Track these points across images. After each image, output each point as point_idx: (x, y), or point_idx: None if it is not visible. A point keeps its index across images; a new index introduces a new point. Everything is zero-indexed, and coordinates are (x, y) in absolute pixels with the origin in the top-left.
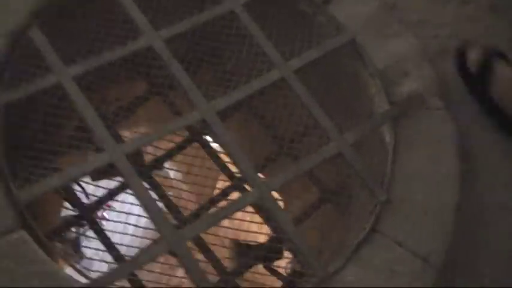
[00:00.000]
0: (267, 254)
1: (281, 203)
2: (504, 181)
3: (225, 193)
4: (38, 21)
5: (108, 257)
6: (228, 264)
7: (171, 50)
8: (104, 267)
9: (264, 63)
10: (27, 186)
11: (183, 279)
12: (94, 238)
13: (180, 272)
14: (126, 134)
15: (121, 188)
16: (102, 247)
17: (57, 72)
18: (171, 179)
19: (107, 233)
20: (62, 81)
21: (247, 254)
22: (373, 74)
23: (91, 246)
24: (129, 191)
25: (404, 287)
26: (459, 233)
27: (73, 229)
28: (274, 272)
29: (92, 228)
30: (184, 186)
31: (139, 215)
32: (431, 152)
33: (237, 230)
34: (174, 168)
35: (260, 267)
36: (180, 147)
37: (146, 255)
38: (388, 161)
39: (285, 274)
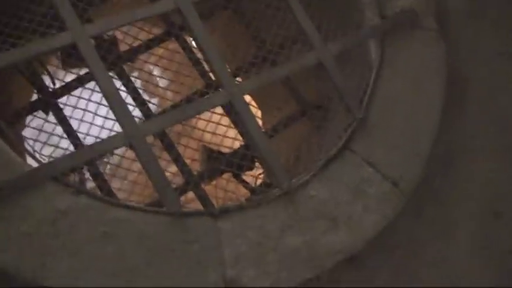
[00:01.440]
0: (237, 161)
1: (254, 110)
2: (491, 119)
3: (197, 93)
4: None
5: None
6: (195, 167)
7: None
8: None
9: None
10: None
11: (139, 175)
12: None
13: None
14: None
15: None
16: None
17: None
18: (153, 75)
19: (68, 120)
20: None
21: (217, 159)
22: None
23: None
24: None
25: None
26: (434, 161)
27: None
28: (242, 181)
29: (54, 114)
30: (162, 83)
31: (100, 103)
32: (417, 75)
33: (204, 131)
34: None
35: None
36: (155, 40)
37: (103, 144)
38: (371, 79)
39: (252, 185)
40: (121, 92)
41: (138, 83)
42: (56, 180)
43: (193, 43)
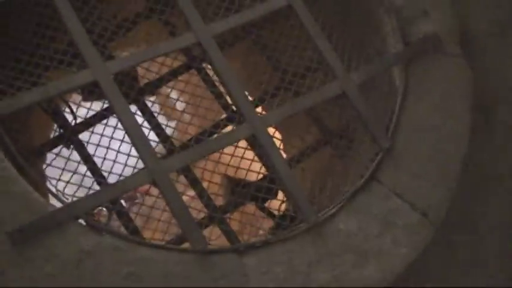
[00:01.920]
0: (260, 193)
1: (278, 142)
2: None
3: (218, 125)
4: None
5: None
6: (219, 201)
7: None
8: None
9: None
10: (7, 99)
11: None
12: (76, 162)
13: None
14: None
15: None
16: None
17: None
18: (175, 109)
19: (91, 157)
20: None
21: (240, 191)
22: (389, 10)
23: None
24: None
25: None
26: (463, 187)
27: None
28: (265, 212)
29: (76, 149)
30: (185, 117)
31: (122, 140)
32: (443, 102)
33: (228, 165)
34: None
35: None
36: (175, 73)
37: (126, 182)
38: (396, 107)
39: (276, 215)
40: (143, 128)
41: (160, 118)
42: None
43: (215, 76)
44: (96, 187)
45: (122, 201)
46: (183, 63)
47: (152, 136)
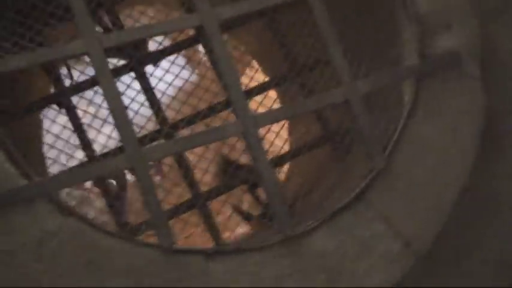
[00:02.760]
0: (254, 178)
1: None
2: None
3: (215, 109)
4: None
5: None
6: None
7: None
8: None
9: None
10: None
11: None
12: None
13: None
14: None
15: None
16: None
17: None
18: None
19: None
20: None
21: (234, 173)
22: (411, 17)
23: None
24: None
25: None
26: (458, 216)
27: None
28: (255, 198)
29: (67, 113)
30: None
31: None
32: (452, 124)
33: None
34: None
35: None
36: (179, 47)
37: (102, 166)
38: (400, 123)
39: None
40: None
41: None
42: (49, 199)
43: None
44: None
45: None
46: (189, 37)
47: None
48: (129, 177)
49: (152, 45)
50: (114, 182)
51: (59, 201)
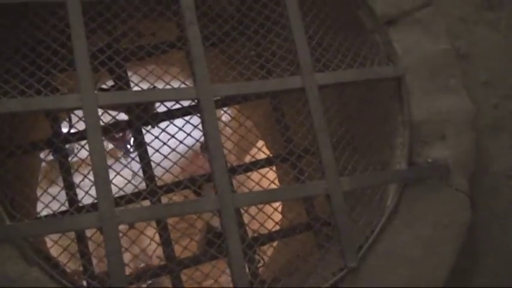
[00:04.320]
0: None
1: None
2: None
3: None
4: None
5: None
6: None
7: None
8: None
9: (291, 62)
10: None
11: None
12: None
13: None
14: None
15: None
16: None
17: None
18: None
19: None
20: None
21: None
22: (405, 123)
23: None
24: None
25: None
26: None
27: None
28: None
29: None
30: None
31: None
32: (431, 236)
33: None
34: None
35: None
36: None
37: (72, 221)
38: (378, 226)
39: None
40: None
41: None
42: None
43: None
44: None
45: None
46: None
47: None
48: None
49: None
50: None
51: (26, 249)
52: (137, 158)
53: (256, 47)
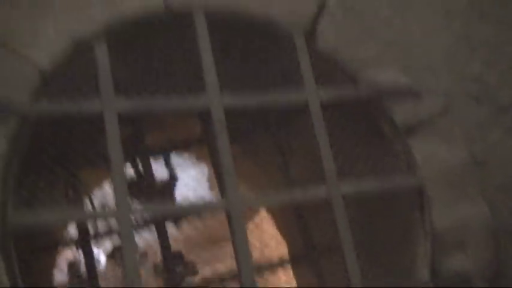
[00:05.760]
0: None
1: None
2: None
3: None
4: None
5: None
6: None
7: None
8: None
9: (316, 171)
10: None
11: None
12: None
13: None
14: None
15: None
16: None
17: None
18: None
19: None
20: (104, 112)
21: None
22: (427, 234)
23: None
24: None
25: None
26: None
27: None
28: None
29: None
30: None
31: None
32: None
33: None
34: None
35: None
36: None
37: None
38: None
39: None
40: None
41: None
42: None
43: None
44: None
45: None
46: None
47: None
48: None
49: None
50: None
51: None
52: None
53: None
